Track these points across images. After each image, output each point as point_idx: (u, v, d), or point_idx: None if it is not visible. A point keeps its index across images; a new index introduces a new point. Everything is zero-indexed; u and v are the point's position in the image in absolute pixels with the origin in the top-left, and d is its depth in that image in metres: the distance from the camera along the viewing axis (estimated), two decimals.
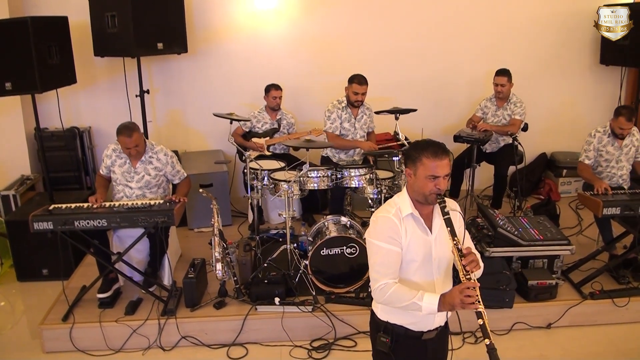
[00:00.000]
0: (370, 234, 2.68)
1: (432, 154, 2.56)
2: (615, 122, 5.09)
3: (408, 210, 2.65)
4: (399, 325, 2.75)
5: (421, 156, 2.58)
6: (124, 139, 4.60)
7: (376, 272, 2.64)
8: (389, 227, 2.62)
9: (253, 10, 6.67)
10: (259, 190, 5.44)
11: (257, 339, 4.48)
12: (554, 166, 7.22)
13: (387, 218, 2.64)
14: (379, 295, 2.63)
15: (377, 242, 2.64)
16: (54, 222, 4.30)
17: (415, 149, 2.63)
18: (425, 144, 2.62)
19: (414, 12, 6.83)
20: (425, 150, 2.58)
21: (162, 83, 6.78)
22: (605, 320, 4.68)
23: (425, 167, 2.56)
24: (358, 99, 5.72)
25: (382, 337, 2.77)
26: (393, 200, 2.73)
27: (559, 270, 4.85)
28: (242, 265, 4.88)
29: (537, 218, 5.24)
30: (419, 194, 2.63)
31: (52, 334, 4.42)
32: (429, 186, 2.57)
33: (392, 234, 2.62)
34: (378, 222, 2.67)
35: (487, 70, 6.59)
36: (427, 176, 2.56)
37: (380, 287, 2.61)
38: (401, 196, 2.71)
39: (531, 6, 6.91)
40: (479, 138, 5.98)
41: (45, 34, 5.21)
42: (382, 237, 2.63)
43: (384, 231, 2.63)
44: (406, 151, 2.68)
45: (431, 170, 2.55)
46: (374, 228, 2.67)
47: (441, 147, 2.62)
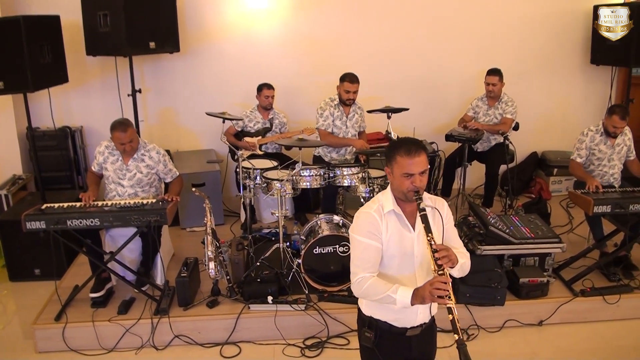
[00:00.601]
0: (352, 229, 2.73)
1: (405, 152, 2.58)
2: (609, 121, 5.11)
3: (390, 207, 2.68)
4: (383, 320, 2.77)
5: (395, 155, 2.61)
6: (118, 134, 4.60)
7: (355, 265, 2.68)
8: (369, 222, 2.66)
9: (245, 10, 6.67)
10: (251, 189, 5.44)
11: (250, 338, 4.48)
12: (545, 165, 7.25)
13: (368, 214, 2.68)
14: (356, 288, 2.66)
15: (357, 237, 2.68)
16: (46, 221, 4.29)
17: (391, 148, 2.68)
18: (399, 143, 2.66)
19: (406, 11, 6.85)
20: (399, 148, 2.61)
21: (154, 82, 6.77)
22: (596, 318, 4.71)
23: (400, 165, 2.59)
24: (350, 97, 5.74)
25: (366, 332, 2.80)
26: (377, 197, 2.77)
27: (550, 268, 4.87)
28: (234, 264, 4.88)
29: (529, 216, 5.27)
30: (398, 192, 2.66)
31: (44, 334, 4.41)
32: (406, 184, 2.59)
33: (372, 229, 2.65)
34: (360, 217, 2.71)
35: (478, 69, 6.61)
36: (403, 174, 2.59)
37: (357, 280, 2.64)
38: (385, 194, 2.74)
39: (522, 6, 6.94)
40: (471, 137, 6.00)
41: (37, 33, 5.20)
42: (362, 232, 2.67)
43: (364, 226, 2.67)
44: (387, 152, 2.71)
45: (405, 168, 2.58)
46: (356, 223, 2.72)
47: (415, 144, 2.62)
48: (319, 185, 5.10)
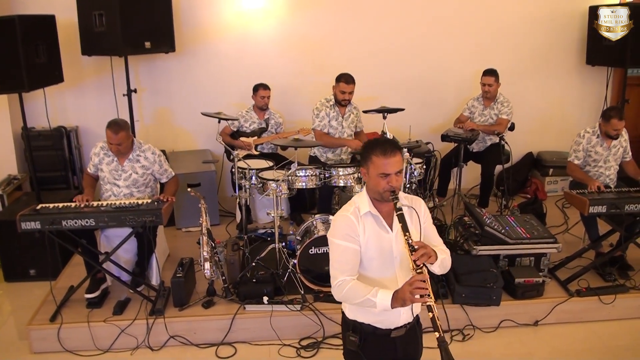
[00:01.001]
0: (330, 233, 2.70)
1: (380, 152, 2.58)
2: (608, 125, 5.11)
3: (366, 209, 2.67)
4: (366, 323, 2.75)
5: (371, 155, 2.60)
6: (109, 134, 4.61)
7: (335, 269, 2.65)
8: (346, 224, 2.65)
9: (241, 10, 6.66)
10: (247, 189, 5.43)
11: (246, 338, 4.48)
12: (541, 165, 7.27)
13: (345, 216, 2.66)
14: (337, 291, 2.63)
15: (335, 240, 2.66)
16: (41, 221, 4.28)
17: (366, 148, 2.66)
18: (375, 143, 2.65)
19: (403, 11, 6.85)
20: (374, 149, 2.60)
21: (149, 82, 6.75)
22: (591, 318, 4.72)
23: (375, 165, 2.59)
24: (345, 97, 5.74)
25: (351, 336, 2.78)
26: (353, 200, 2.75)
27: (545, 268, 4.89)
28: (230, 265, 4.88)
29: (524, 217, 5.28)
30: (374, 192, 2.65)
31: (40, 335, 4.39)
32: (382, 184, 2.59)
33: (349, 232, 2.64)
34: (337, 220, 2.70)
35: (474, 70, 6.62)
36: (379, 174, 2.58)
37: (338, 283, 2.62)
38: (361, 196, 2.73)
39: (519, 6, 6.95)
40: (466, 137, 6.01)
41: (32, 33, 5.18)
42: (339, 235, 2.65)
43: (341, 229, 2.65)
44: (362, 153, 2.70)
45: (381, 168, 2.57)
46: (333, 226, 2.70)
47: (391, 144, 2.63)
48: (315, 185, 5.09)
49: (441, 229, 5.74)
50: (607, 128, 5.15)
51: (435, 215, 6.11)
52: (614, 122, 5.08)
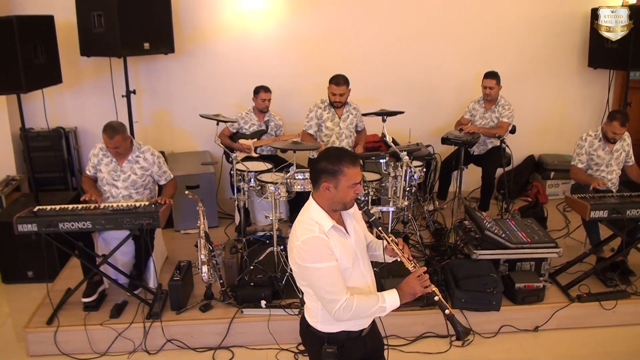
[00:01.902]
0: (306, 260, 2.57)
1: (351, 163, 2.57)
2: (609, 127, 5.09)
3: (329, 224, 2.62)
4: (340, 331, 2.75)
5: (342, 167, 2.56)
6: (105, 138, 4.61)
7: (330, 294, 2.56)
8: (321, 244, 2.56)
9: (240, 10, 6.62)
10: (245, 192, 5.40)
11: (243, 343, 4.45)
12: (542, 168, 7.22)
13: (316, 238, 2.56)
14: (343, 314, 2.57)
15: (317, 266, 2.55)
16: (38, 223, 4.26)
17: (332, 162, 2.58)
18: (340, 154, 2.60)
19: (403, 12, 6.81)
20: (343, 160, 2.57)
21: (148, 83, 6.72)
22: (592, 323, 4.68)
23: (348, 176, 2.56)
24: (336, 99, 5.74)
25: (328, 348, 2.74)
26: (307, 218, 2.65)
27: (546, 273, 4.86)
28: (228, 268, 4.86)
29: (525, 221, 5.24)
30: (338, 204, 2.64)
31: (36, 338, 4.37)
32: (351, 194, 2.60)
33: (326, 251, 2.56)
34: (308, 244, 2.56)
35: (475, 72, 6.59)
36: (350, 185, 2.58)
37: (342, 306, 2.55)
38: (314, 212, 2.66)
39: (520, 8, 6.91)
40: (467, 140, 5.97)
41: (30, 33, 5.15)
42: (319, 258, 2.55)
43: (319, 251, 2.56)
44: (319, 168, 2.61)
45: (353, 178, 2.57)
46: (307, 253, 2.56)
47: (352, 153, 2.65)
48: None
49: (441, 232, 5.71)
50: (608, 128, 5.13)
51: (435, 219, 6.08)
52: (615, 124, 5.05)
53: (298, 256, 2.59)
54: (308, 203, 2.72)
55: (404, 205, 5.16)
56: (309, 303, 2.79)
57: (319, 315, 2.74)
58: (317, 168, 2.63)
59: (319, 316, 2.74)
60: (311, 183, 2.71)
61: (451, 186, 6.57)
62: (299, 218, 2.69)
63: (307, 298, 2.79)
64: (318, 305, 2.70)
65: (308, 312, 2.83)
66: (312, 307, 2.77)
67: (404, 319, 4.50)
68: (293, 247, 2.62)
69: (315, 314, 2.75)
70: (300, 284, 2.75)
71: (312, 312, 2.78)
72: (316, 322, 2.78)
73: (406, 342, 4.49)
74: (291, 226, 5.76)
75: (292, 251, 2.63)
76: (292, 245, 2.64)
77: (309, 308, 2.80)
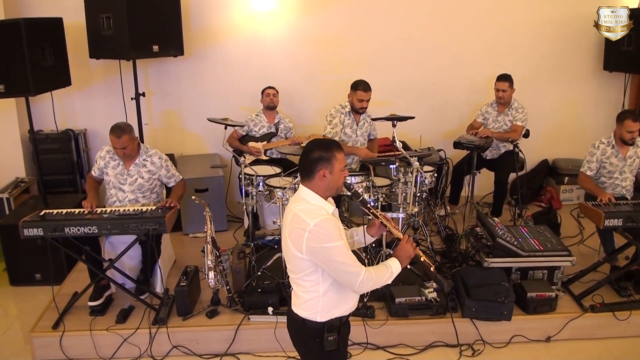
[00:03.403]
0: (322, 241, 2.67)
1: (339, 148, 2.78)
2: (622, 128, 5.00)
3: (331, 207, 2.82)
4: (335, 317, 2.89)
5: (334, 152, 2.75)
6: (112, 139, 4.58)
7: (352, 266, 2.70)
8: (334, 225, 2.70)
9: (250, 12, 6.59)
10: (253, 196, 5.35)
11: (250, 349, 4.41)
12: (556, 173, 7.13)
13: (328, 219, 2.69)
14: (365, 284, 2.74)
15: (334, 244, 2.66)
16: (44, 228, 4.24)
17: (324, 150, 2.76)
18: (328, 142, 2.81)
19: (414, 14, 6.74)
20: (333, 146, 2.78)
21: (158, 85, 6.70)
22: (605, 334, 4.59)
23: (339, 161, 2.77)
24: (363, 105, 5.62)
25: (329, 336, 2.87)
26: (313, 207, 2.76)
27: (559, 281, 4.77)
28: (235, 273, 4.81)
29: (538, 228, 5.16)
30: (332, 189, 2.81)
31: (42, 342, 4.36)
32: (342, 177, 2.80)
33: (338, 231, 2.71)
34: (321, 226, 2.66)
35: (488, 74, 6.52)
36: (342, 168, 2.78)
37: (363, 278, 2.71)
38: (314, 200, 2.79)
39: (533, 10, 6.82)
40: (479, 145, 5.90)
41: (38, 36, 5.14)
42: (336, 237, 2.68)
43: (332, 231, 2.68)
44: (314, 157, 2.76)
45: (343, 162, 2.79)
46: (323, 234, 2.66)
47: (336, 141, 2.89)
48: None
49: (452, 238, 5.63)
50: (622, 131, 5.03)
51: (447, 224, 6.01)
52: (628, 123, 4.96)
53: (313, 239, 2.66)
54: (302, 193, 2.83)
55: (414, 212, 5.08)
56: (306, 295, 2.86)
57: (319, 305, 2.83)
58: (311, 158, 2.77)
59: (318, 306, 2.84)
60: (303, 175, 2.82)
61: (463, 191, 6.49)
62: (299, 207, 2.75)
63: (304, 291, 2.86)
64: (318, 295, 2.81)
65: (304, 305, 2.88)
66: (310, 298, 2.84)
67: (412, 328, 4.44)
68: (303, 233, 2.67)
69: (314, 305, 2.84)
70: (302, 274, 2.83)
71: (310, 304, 2.85)
72: (315, 313, 2.86)
73: (415, 351, 4.42)
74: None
75: (302, 237, 2.67)
76: (300, 231, 2.69)
77: (306, 300, 2.86)
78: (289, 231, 2.76)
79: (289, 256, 2.82)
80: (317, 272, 2.77)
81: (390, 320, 4.44)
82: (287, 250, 2.80)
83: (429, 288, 4.53)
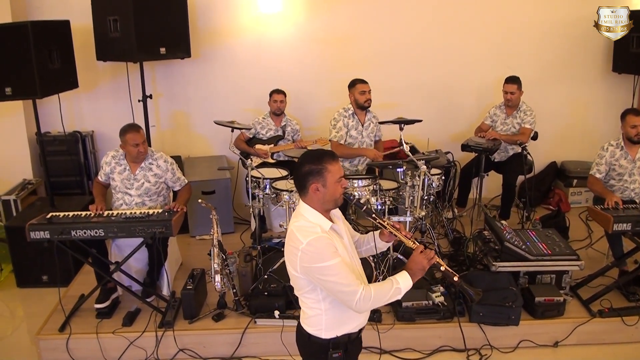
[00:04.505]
0: (315, 260, 2.56)
1: (331, 159, 2.66)
2: (626, 125, 4.99)
3: (328, 224, 2.69)
4: (343, 335, 2.79)
5: (325, 164, 2.64)
6: (133, 135, 4.57)
7: (347, 286, 2.58)
8: (327, 243, 2.58)
9: (257, 14, 6.59)
10: (260, 199, 5.34)
11: (256, 353, 4.40)
12: (564, 176, 7.08)
13: (321, 237, 2.58)
14: (363, 304, 2.60)
15: (327, 263, 2.55)
16: (50, 231, 4.25)
17: (314, 162, 2.65)
18: (319, 154, 2.70)
19: (422, 17, 6.72)
20: (324, 157, 2.65)
21: (165, 87, 6.71)
22: (614, 339, 4.54)
23: (332, 172, 2.64)
24: (367, 97, 5.63)
25: (334, 353, 2.78)
26: (307, 224, 2.66)
27: (567, 286, 4.72)
28: (242, 276, 4.80)
29: (546, 231, 5.12)
30: (329, 202, 2.69)
31: (49, 345, 4.37)
32: (339, 189, 2.67)
33: (332, 249, 2.59)
34: (314, 245, 2.56)
35: (496, 77, 6.48)
36: (337, 180, 2.65)
37: (361, 297, 2.57)
38: (310, 215, 2.69)
39: (542, 12, 6.77)
40: (488, 147, 5.87)
41: (46, 39, 5.15)
42: (329, 256, 2.56)
43: (326, 249, 2.57)
44: (304, 171, 2.67)
45: (338, 173, 2.66)
46: (315, 253, 2.56)
47: (330, 151, 2.80)
48: None
49: (459, 241, 5.60)
50: (626, 128, 5.00)
51: (454, 227, 5.98)
52: (630, 118, 4.96)
53: (305, 259, 2.58)
54: (300, 209, 2.74)
55: (421, 216, 5.06)
56: (309, 312, 2.79)
57: (322, 322, 2.75)
58: (301, 172, 2.68)
59: (322, 323, 2.75)
60: (298, 190, 2.74)
61: (471, 193, 6.46)
62: (295, 224, 2.68)
63: (307, 307, 2.79)
64: (321, 312, 2.73)
65: (308, 321, 2.81)
66: (314, 314, 2.76)
67: (419, 332, 4.42)
68: (296, 252, 2.59)
69: (318, 322, 2.76)
70: (302, 291, 2.75)
71: (314, 321, 2.78)
72: (319, 330, 2.78)
73: (422, 355, 4.40)
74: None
75: (296, 255, 2.60)
76: (293, 250, 2.62)
77: (310, 316, 2.79)
78: (285, 248, 2.71)
79: (289, 273, 2.75)
80: (316, 290, 2.69)
81: (397, 325, 4.42)
82: (287, 266, 2.74)
83: (436, 292, 4.51)
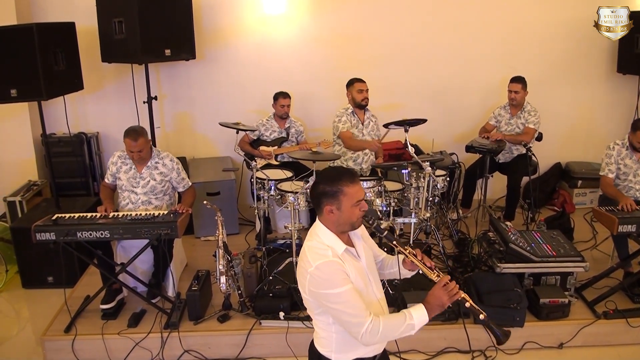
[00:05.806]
0: (322, 286, 2.47)
1: (349, 181, 2.51)
2: (634, 137, 4.95)
3: (342, 247, 2.56)
4: (355, 359, 2.67)
5: (340, 187, 2.50)
6: (129, 142, 4.59)
7: (353, 317, 2.46)
8: (337, 269, 2.47)
9: (262, 15, 6.59)
10: (265, 200, 5.34)
11: (261, 354, 4.41)
12: (569, 177, 7.06)
13: (331, 262, 2.47)
14: (370, 337, 2.46)
15: (334, 291, 2.44)
16: (56, 233, 4.26)
17: (329, 184, 2.53)
18: (336, 174, 2.56)
19: (427, 17, 6.71)
20: (341, 179, 2.51)
21: (170, 89, 6.72)
22: (619, 341, 4.53)
23: (349, 196, 2.50)
24: (364, 96, 5.70)
25: None
26: (319, 244, 2.55)
27: (572, 287, 4.72)
28: (247, 278, 4.80)
29: (551, 232, 5.11)
30: (345, 225, 2.56)
31: (54, 346, 4.38)
32: (357, 212, 2.53)
33: (342, 275, 2.47)
34: (323, 270, 2.46)
35: (500, 77, 6.48)
36: (354, 204, 2.51)
37: (368, 329, 2.45)
38: (324, 236, 2.58)
39: (546, 12, 6.76)
40: (492, 148, 5.86)
41: (51, 40, 5.17)
42: (337, 283, 2.45)
43: (335, 275, 2.46)
44: (318, 191, 2.56)
45: (355, 196, 2.51)
46: (322, 279, 2.46)
47: (349, 170, 2.60)
48: None
49: (464, 242, 5.60)
50: (634, 139, 4.98)
51: (459, 228, 5.98)
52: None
53: (313, 283, 2.48)
54: (315, 227, 2.63)
55: (426, 217, 5.06)
56: (320, 332, 2.69)
57: (333, 344, 2.64)
58: (316, 192, 2.58)
59: (332, 345, 2.65)
60: (314, 208, 2.63)
61: (475, 194, 6.45)
62: (308, 243, 2.58)
63: (318, 327, 2.69)
64: (331, 334, 2.62)
65: (320, 341, 2.71)
66: (325, 336, 2.66)
67: (424, 334, 4.39)
68: (305, 274, 2.50)
69: (329, 343, 2.66)
70: (312, 312, 2.66)
71: (325, 342, 2.68)
72: (329, 351, 2.68)
73: (427, 356, 4.41)
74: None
75: (305, 277, 2.51)
76: (303, 271, 2.53)
77: (321, 337, 2.69)
78: (297, 267, 2.61)
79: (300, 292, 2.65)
80: (327, 314, 2.57)
81: None
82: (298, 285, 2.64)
83: None
